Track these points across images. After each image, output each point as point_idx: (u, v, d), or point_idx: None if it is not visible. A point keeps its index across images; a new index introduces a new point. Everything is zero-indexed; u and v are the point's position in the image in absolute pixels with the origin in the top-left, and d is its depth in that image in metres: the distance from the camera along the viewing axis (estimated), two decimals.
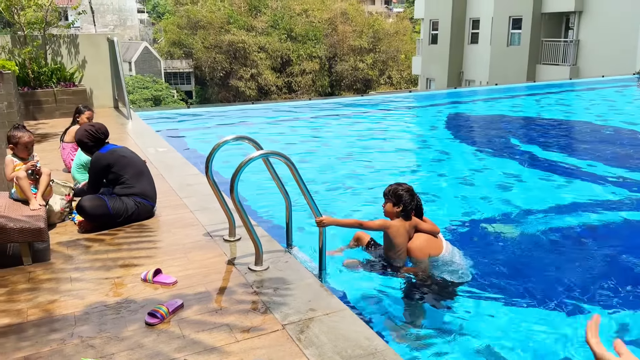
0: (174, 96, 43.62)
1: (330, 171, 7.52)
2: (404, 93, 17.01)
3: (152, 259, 3.75)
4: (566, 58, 22.16)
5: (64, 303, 3.16)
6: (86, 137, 4.45)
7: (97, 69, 10.07)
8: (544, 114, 12.79)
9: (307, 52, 44.93)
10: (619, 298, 3.91)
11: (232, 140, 3.96)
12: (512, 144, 9.43)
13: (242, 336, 2.80)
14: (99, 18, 52.94)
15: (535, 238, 5.08)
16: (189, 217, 4.56)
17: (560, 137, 10.42)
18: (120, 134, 8.15)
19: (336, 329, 2.88)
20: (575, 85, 17.72)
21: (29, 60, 9.11)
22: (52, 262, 3.72)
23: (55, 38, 9.64)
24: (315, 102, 14.45)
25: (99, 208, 4.16)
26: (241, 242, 4.00)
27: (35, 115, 9.09)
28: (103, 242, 4.05)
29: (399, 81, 47.57)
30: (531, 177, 7.29)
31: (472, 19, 27.02)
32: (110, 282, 3.42)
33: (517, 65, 23.41)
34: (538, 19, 22.92)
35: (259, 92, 43.84)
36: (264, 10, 46.06)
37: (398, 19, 52.52)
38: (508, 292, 4.02)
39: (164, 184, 5.46)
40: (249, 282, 3.39)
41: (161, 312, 2.96)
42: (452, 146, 9.31)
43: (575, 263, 4.56)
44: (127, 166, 4.41)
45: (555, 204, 6.02)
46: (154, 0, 67.55)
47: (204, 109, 13.78)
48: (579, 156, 8.53)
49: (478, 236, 5.19)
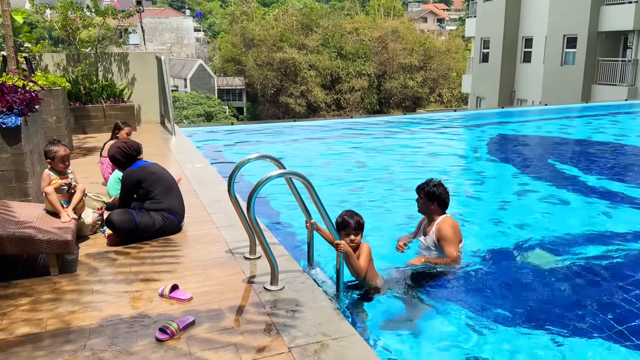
0: (226, 112, 44.68)
1: (365, 190, 7.48)
2: (449, 112, 16.76)
3: (172, 274, 3.82)
4: (624, 78, 21.28)
5: (82, 315, 3.25)
6: (118, 154, 4.60)
7: (145, 86, 10.46)
8: (596, 136, 12.29)
9: (356, 69, 45.14)
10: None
11: (253, 159, 3.99)
12: (557, 168, 9.09)
13: (246, 357, 2.80)
14: (158, 36, 55.17)
15: (568, 268, 4.84)
16: (214, 233, 4.62)
17: (609, 161, 9.98)
18: (163, 149, 8.40)
19: (343, 354, 2.83)
20: (633, 106, 16.95)
21: (82, 77, 9.57)
22: (78, 273, 3.84)
23: (107, 56, 10.10)
24: (354, 120, 14.46)
25: (127, 222, 4.28)
26: (261, 261, 4.01)
27: (85, 129, 9.51)
28: (128, 255, 4.16)
29: (450, 99, 46.95)
30: (573, 203, 6.99)
31: (525, 37, 26.43)
32: (130, 295, 3.50)
33: (571, 85, 22.67)
34: (594, 38, 22.17)
35: (308, 108, 44.29)
36: (316, 29, 46.71)
37: (450, 37, 52.01)
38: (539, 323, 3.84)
39: (195, 200, 5.57)
40: (262, 302, 3.39)
41: (171, 329, 2.99)
42: (493, 167, 9.08)
43: (613, 296, 4.32)
44: (156, 182, 4.53)
45: (595, 232, 5.74)
46: (210, 19, 69.89)
47: (246, 125, 14.04)
48: (627, 182, 8.13)
49: (506, 261, 5.00)
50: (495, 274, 4.73)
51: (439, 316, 3.98)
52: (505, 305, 4.11)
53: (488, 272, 4.78)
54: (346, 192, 7.29)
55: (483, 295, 4.38)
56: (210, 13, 72.74)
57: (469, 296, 4.35)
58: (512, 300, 4.21)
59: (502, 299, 4.24)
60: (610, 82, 21.89)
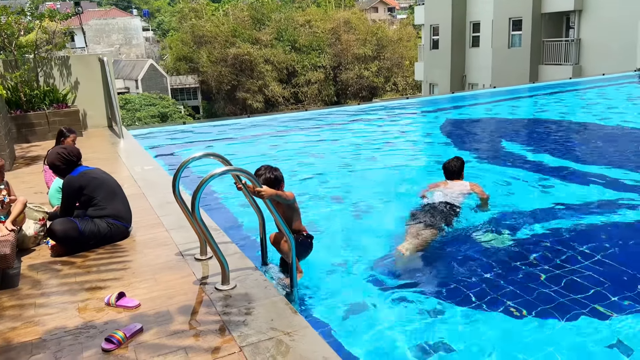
0: (181, 112, 43.90)
1: (326, 181, 7.49)
2: (402, 100, 16.93)
3: (119, 281, 3.71)
4: (568, 57, 21.96)
5: (24, 330, 3.12)
6: (58, 160, 4.43)
7: (90, 90, 10.13)
8: (543, 115, 12.64)
9: (311, 62, 45.09)
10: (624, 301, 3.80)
11: (198, 158, 3.91)
12: (506, 148, 9.31)
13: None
14: (105, 38, 53.67)
15: (525, 244, 4.96)
16: (163, 236, 4.51)
17: (558, 138, 10.28)
18: (111, 154, 8.17)
19: (295, 349, 2.81)
20: (578, 84, 17.53)
21: (21, 84, 9.19)
22: (20, 287, 3.69)
23: (47, 60, 9.73)
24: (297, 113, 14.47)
25: (70, 231, 4.12)
26: (212, 261, 3.94)
27: (28, 137, 9.14)
28: (74, 265, 4.01)
29: (405, 87, 47.48)
30: (523, 180, 7.17)
31: (473, 22, 26.94)
32: (75, 306, 3.38)
33: (519, 67, 23.25)
34: (538, 19, 22.77)
35: (265, 104, 44.00)
36: (268, 23, 46.36)
37: (401, 26, 52.51)
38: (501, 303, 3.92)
39: (143, 203, 5.43)
40: (213, 302, 3.33)
41: (117, 337, 2.90)
42: (448, 151, 9.22)
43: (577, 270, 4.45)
44: (98, 188, 4.38)
45: (547, 208, 5.90)
46: (158, 18, 68.40)
47: (199, 124, 13.81)
48: (575, 157, 8.40)
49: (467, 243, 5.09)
50: (452, 255, 4.81)
51: (393, 301, 4.01)
52: (460, 286, 4.18)
53: (444, 254, 4.85)
54: (303, 185, 7.26)
55: (439, 277, 4.45)
56: (158, 11, 71.20)
57: (424, 279, 4.41)
58: (468, 280, 4.28)
59: (457, 280, 4.31)
60: (555, 61, 22.56)
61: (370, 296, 4.11)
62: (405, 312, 3.88)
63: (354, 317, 3.84)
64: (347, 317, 3.84)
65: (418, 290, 4.18)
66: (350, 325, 3.73)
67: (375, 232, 5.43)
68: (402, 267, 4.59)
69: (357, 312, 3.91)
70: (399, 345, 3.45)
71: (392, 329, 3.65)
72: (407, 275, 4.47)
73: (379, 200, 6.52)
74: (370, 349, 3.45)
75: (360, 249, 5.03)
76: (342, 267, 4.62)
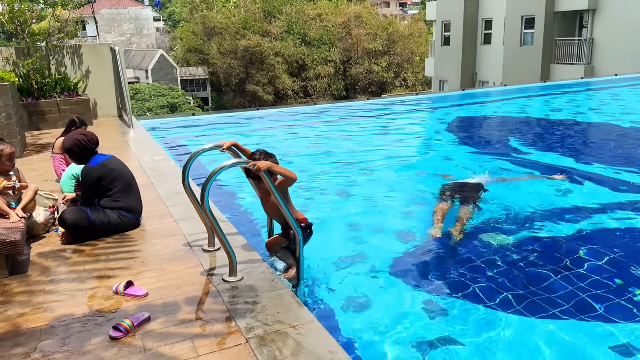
0: (190, 103, 43.96)
1: (335, 175, 7.49)
2: (412, 95, 16.86)
3: (127, 270, 3.74)
4: (580, 57, 21.77)
5: (33, 316, 3.16)
6: (76, 146, 4.42)
7: (100, 79, 10.17)
8: (554, 114, 12.55)
9: (321, 56, 45.03)
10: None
11: (208, 149, 3.93)
12: (515, 146, 9.26)
13: (203, 350, 2.76)
14: (116, 27, 53.77)
15: (535, 244, 4.95)
16: (171, 226, 4.54)
17: (567, 137, 10.21)
18: (121, 143, 8.21)
19: (300, 342, 2.82)
20: (589, 84, 17.38)
21: (33, 71, 9.23)
22: (29, 274, 3.72)
23: (59, 49, 9.76)
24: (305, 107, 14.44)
25: (80, 221, 4.15)
26: (220, 252, 3.96)
27: (39, 125, 9.20)
28: (82, 253, 4.05)
29: (414, 83, 47.31)
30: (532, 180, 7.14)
31: (485, 19, 26.75)
32: (83, 294, 3.41)
33: (530, 65, 23.08)
34: (551, 18, 22.58)
35: (275, 96, 44.01)
36: (278, 15, 46.27)
37: (413, 21, 52.24)
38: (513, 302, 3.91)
39: (152, 193, 5.46)
40: (220, 293, 3.35)
41: (124, 326, 2.93)
42: (455, 149, 9.18)
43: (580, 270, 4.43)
44: (116, 180, 4.39)
45: (555, 209, 5.87)
46: (169, 8, 68.41)
47: (209, 115, 13.82)
48: (584, 158, 8.34)
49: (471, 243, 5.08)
50: (456, 253, 4.80)
51: (398, 297, 4.01)
52: (464, 285, 4.17)
53: (449, 253, 4.85)
54: (311, 179, 7.26)
55: (443, 275, 4.44)
56: (169, 2, 71.14)
57: (427, 276, 4.41)
58: (470, 279, 4.27)
59: (460, 278, 4.30)
60: (567, 61, 22.37)
61: (376, 291, 4.11)
62: (411, 307, 3.89)
63: (359, 312, 3.84)
64: (352, 311, 3.85)
65: (425, 286, 4.17)
66: (355, 320, 3.74)
67: (382, 226, 5.43)
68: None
69: (362, 307, 3.92)
70: (405, 341, 3.46)
71: (398, 324, 3.65)
72: (414, 272, 4.47)
73: (387, 195, 6.51)
74: (375, 344, 3.46)
75: (367, 243, 5.03)
76: (349, 262, 4.63)
